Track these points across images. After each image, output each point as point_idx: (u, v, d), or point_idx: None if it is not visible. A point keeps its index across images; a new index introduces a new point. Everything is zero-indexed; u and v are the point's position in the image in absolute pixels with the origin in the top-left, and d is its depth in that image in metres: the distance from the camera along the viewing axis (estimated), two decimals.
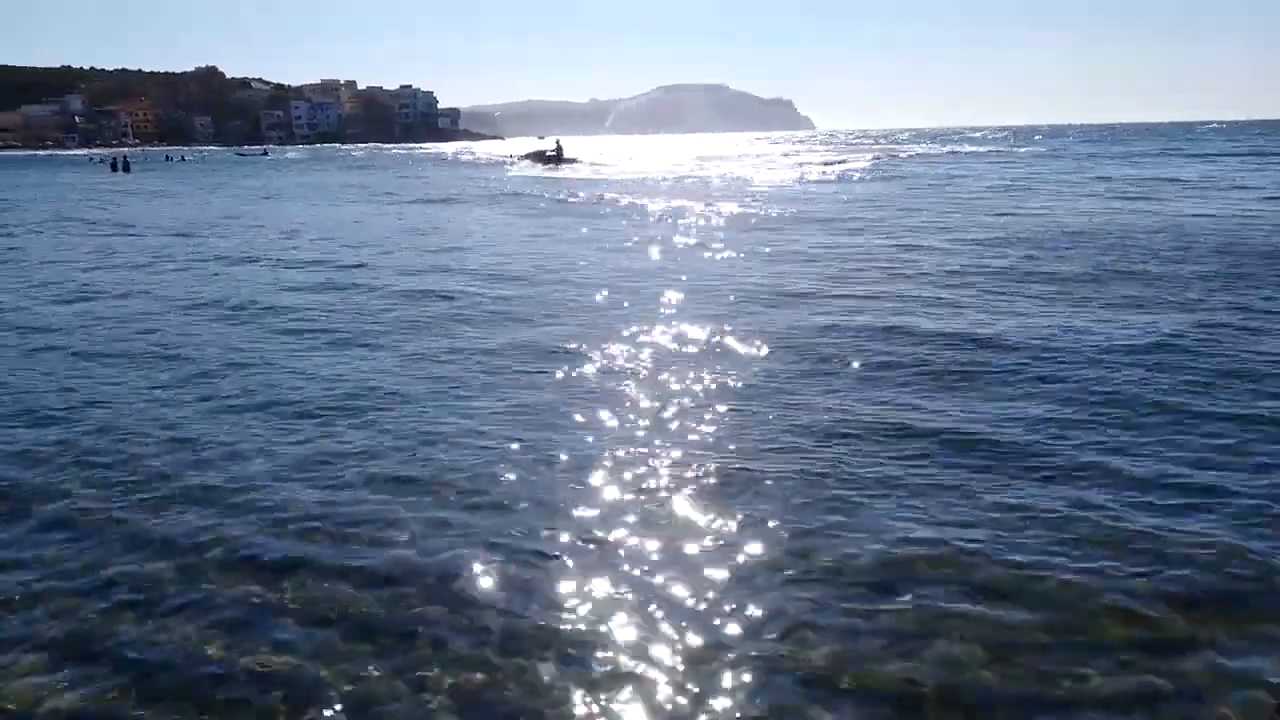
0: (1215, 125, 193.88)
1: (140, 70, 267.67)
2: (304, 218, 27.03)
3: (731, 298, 12.68)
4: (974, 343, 9.66)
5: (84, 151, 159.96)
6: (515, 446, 6.64)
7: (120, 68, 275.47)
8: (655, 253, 17.72)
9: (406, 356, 9.46)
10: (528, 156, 62.71)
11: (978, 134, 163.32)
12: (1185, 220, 20.44)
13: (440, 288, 13.83)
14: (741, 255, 17.31)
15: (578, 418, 7.33)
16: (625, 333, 10.40)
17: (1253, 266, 14.17)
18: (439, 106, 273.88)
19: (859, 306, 11.75)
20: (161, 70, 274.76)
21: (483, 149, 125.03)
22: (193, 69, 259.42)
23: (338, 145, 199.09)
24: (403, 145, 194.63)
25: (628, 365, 8.91)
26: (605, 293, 13.19)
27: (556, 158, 59.28)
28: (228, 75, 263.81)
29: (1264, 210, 22.56)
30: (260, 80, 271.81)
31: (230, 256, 18.26)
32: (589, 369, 8.91)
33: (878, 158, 64.42)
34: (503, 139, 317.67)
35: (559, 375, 8.69)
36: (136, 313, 12.48)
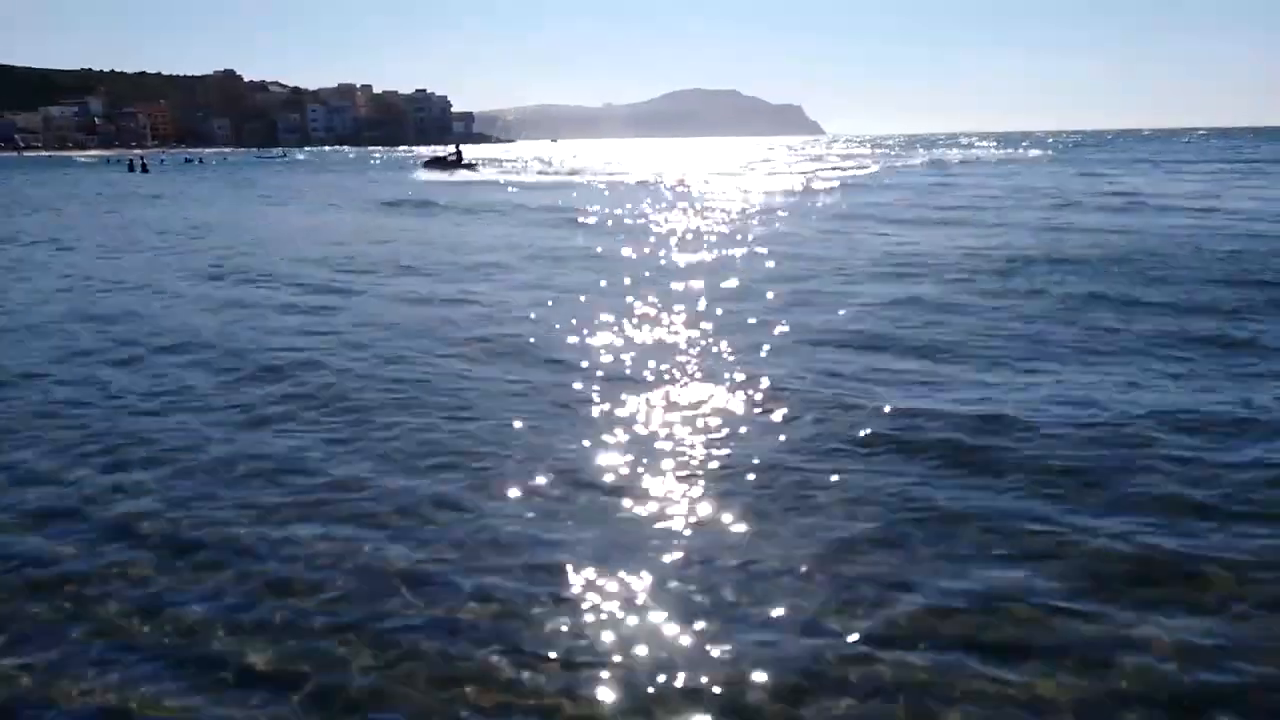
0: (1203, 131, 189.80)
1: (159, 73, 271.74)
2: (300, 224, 28.35)
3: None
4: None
5: (102, 153, 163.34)
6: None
7: (140, 70, 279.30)
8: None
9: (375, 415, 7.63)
10: (430, 162, 65.30)
11: (985, 140, 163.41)
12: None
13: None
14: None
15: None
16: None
17: None
18: (453, 110, 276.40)
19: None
20: (180, 73, 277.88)
21: (473, 153, 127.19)
22: (211, 72, 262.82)
23: (351, 148, 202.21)
24: (405, 147, 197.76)
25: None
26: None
27: (455, 163, 62.33)
28: (245, 79, 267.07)
29: None
30: (277, 84, 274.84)
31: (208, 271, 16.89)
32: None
33: (869, 166, 65.31)
34: (514, 142, 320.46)
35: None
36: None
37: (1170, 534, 5.15)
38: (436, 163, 64.04)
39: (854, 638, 4.22)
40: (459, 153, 64.35)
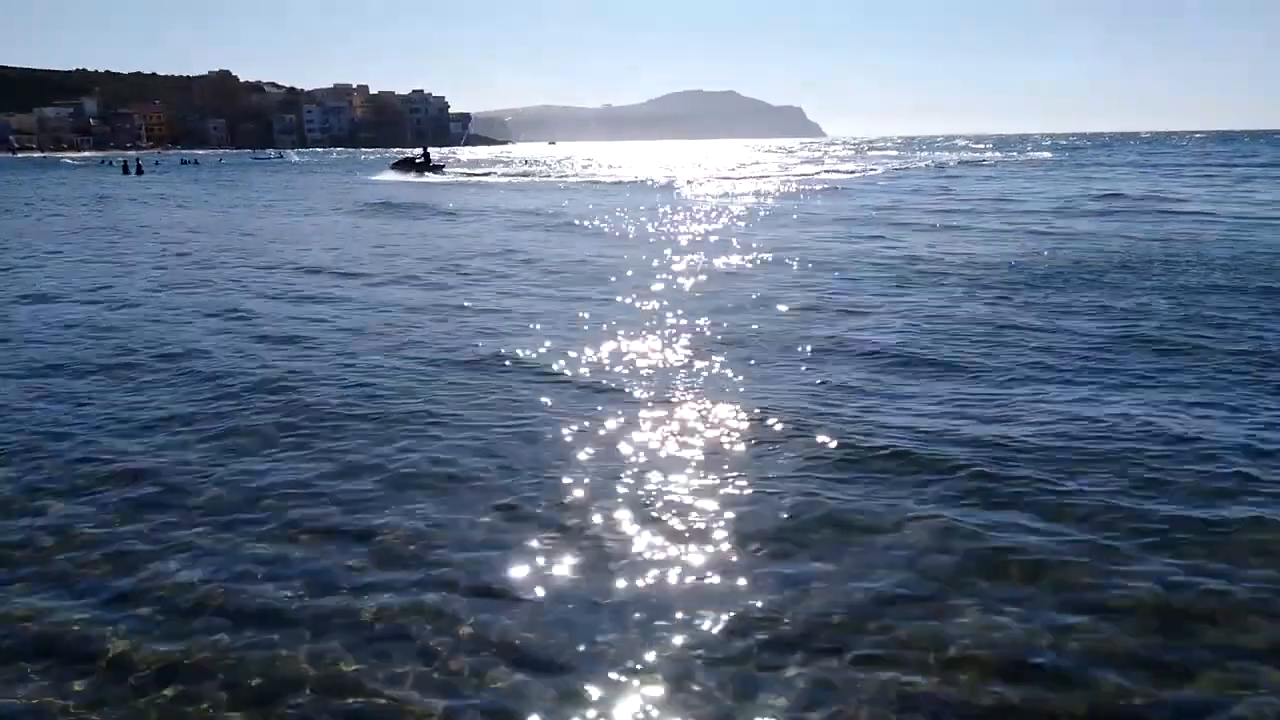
0: (1200, 135, 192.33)
1: (154, 74, 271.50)
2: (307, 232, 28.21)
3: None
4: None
5: (95, 154, 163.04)
6: None
7: (134, 71, 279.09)
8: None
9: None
10: (398, 164, 66.38)
11: (984, 143, 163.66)
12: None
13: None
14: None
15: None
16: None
17: None
18: (450, 111, 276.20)
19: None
20: (175, 74, 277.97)
21: (468, 154, 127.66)
22: (206, 73, 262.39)
23: (346, 150, 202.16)
24: (397, 149, 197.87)
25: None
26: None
27: (423, 165, 62.90)
28: (241, 79, 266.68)
29: None
30: (273, 84, 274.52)
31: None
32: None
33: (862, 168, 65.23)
34: (513, 144, 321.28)
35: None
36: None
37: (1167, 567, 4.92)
38: (404, 164, 65.18)
39: (827, 665, 4.13)
40: (427, 154, 66.00)
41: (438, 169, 64.21)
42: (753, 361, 9.37)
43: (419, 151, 68.01)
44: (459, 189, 46.35)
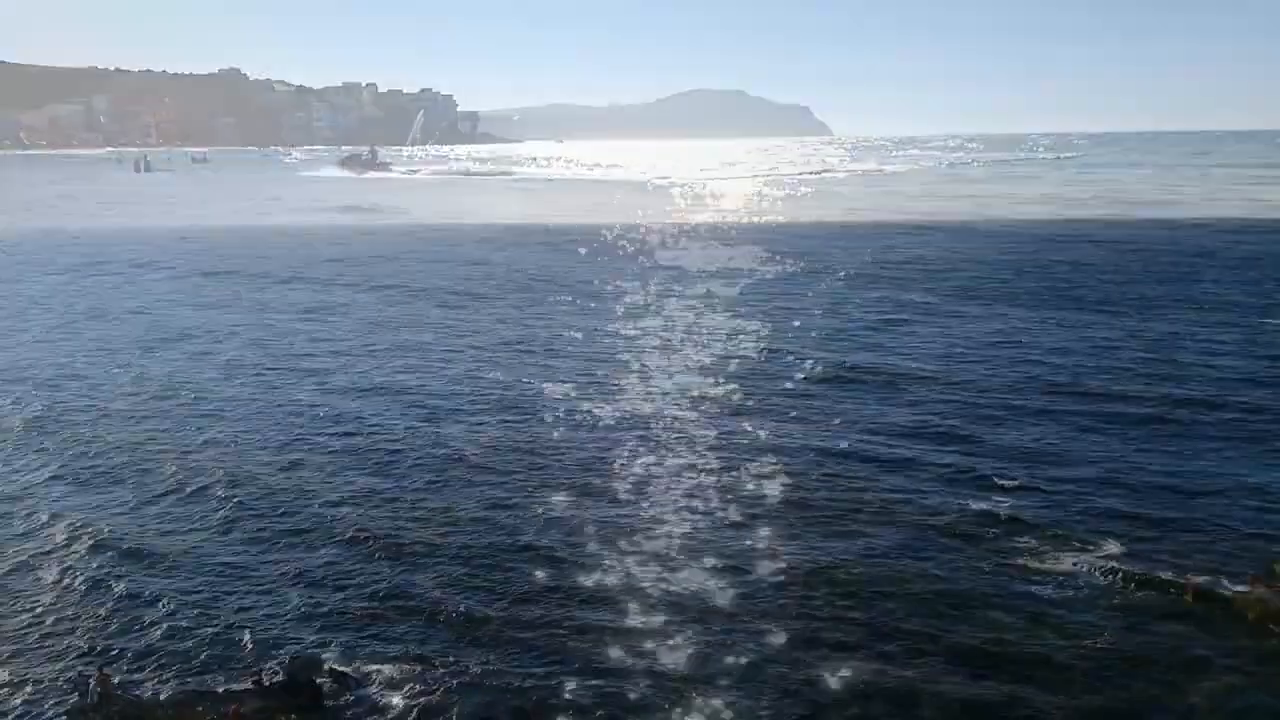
0: (1195, 134, 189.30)
1: (165, 71, 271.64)
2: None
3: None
4: None
5: (101, 150, 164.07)
6: None
7: (145, 69, 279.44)
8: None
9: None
10: (345, 160, 69.30)
11: (987, 142, 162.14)
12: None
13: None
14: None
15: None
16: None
17: None
18: (459, 110, 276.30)
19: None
20: (185, 72, 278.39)
21: (466, 150, 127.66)
22: (216, 71, 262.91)
23: (350, 147, 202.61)
24: (396, 146, 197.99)
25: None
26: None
27: (369, 162, 65.85)
28: (250, 77, 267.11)
29: None
30: (283, 82, 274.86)
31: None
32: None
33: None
34: (521, 142, 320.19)
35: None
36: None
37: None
38: (351, 161, 68.00)
39: None
40: (374, 152, 68.80)
41: (383, 166, 66.07)
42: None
43: (366, 150, 71.13)
44: (461, 187, 46.00)
